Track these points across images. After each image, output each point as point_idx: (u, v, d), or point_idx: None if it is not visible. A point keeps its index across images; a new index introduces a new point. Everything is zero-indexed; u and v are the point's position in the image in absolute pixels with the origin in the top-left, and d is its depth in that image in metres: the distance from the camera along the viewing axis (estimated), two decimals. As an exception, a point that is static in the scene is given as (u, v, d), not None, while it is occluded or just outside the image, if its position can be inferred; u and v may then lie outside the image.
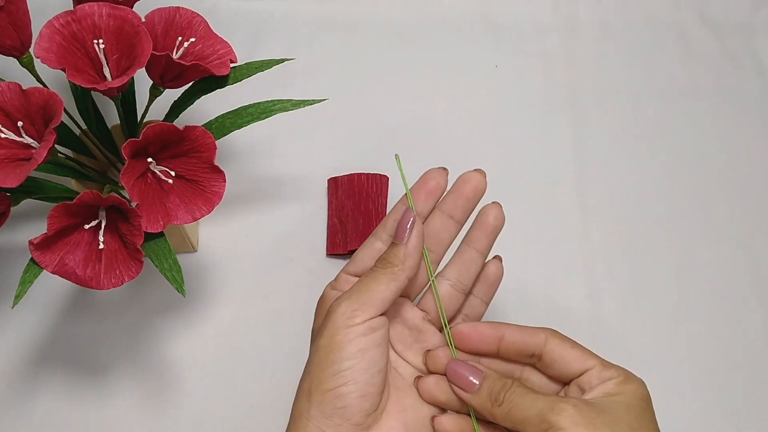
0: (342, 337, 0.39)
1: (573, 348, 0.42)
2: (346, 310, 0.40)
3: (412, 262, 0.41)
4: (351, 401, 0.38)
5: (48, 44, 0.45)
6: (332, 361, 0.39)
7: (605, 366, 0.41)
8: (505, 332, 0.43)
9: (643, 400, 0.40)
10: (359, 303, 0.40)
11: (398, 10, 0.74)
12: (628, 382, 0.40)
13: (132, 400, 0.56)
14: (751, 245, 0.63)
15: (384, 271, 0.41)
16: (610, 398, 0.39)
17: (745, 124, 0.68)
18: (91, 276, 0.45)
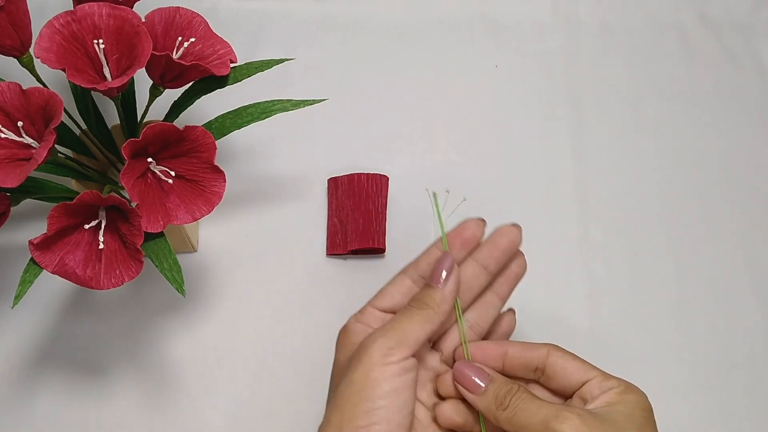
0: (378, 374, 0.38)
1: (574, 360, 0.43)
2: (382, 347, 0.39)
3: (447, 306, 0.42)
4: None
5: (48, 44, 0.45)
6: (366, 397, 0.38)
7: (606, 377, 0.42)
8: (508, 348, 0.44)
9: (645, 410, 0.41)
10: (395, 341, 0.39)
11: (398, 10, 0.74)
12: (629, 392, 0.41)
13: (132, 400, 0.56)
14: (751, 245, 0.63)
15: (420, 312, 0.41)
16: (612, 408, 0.40)
17: (745, 124, 0.68)
18: (91, 276, 0.45)
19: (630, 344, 0.59)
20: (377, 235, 0.60)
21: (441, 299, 0.41)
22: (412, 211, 0.63)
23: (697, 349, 0.59)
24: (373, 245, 0.60)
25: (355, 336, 0.42)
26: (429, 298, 0.42)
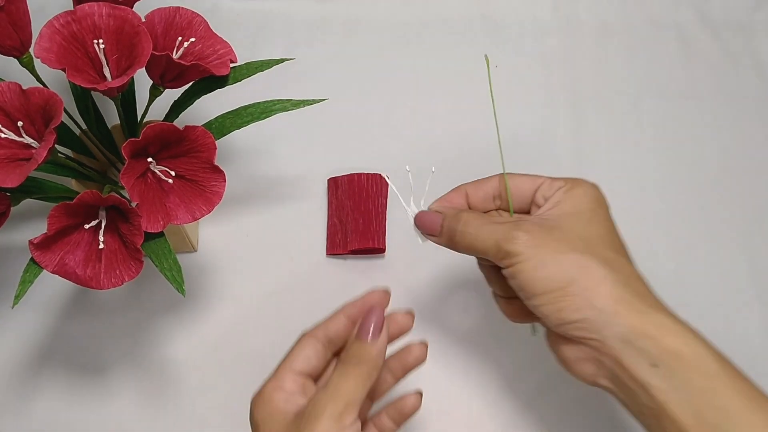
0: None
1: (522, 176, 0.46)
2: (333, 414, 0.38)
3: (382, 360, 0.41)
4: None
5: (48, 44, 0.45)
6: None
7: (553, 180, 0.44)
8: (466, 189, 0.47)
9: (593, 201, 0.43)
10: (343, 405, 0.39)
11: (398, 10, 0.74)
12: (575, 188, 0.43)
13: (132, 400, 0.56)
14: (751, 245, 0.63)
15: (359, 370, 0.40)
16: (559, 209, 0.43)
17: (744, 124, 0.68)
18: (91, 276, 0.45)
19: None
20: (377, 235, 0.60)
21: (376, 354, 0.40)
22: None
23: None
24: (373, 245, 0.60)
25: (278, 403, 0.41)
26: (364, 353, 0.40)
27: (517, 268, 0.41)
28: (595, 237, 0.42)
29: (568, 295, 0.40)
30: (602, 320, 0.39)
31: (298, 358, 0.43)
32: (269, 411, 0.41)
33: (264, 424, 0.41)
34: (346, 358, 0.41)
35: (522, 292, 0.42)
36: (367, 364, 0.40)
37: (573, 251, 0.41)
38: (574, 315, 0.40)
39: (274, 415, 0.41)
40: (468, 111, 0.69)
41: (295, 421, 0.39)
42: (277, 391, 0.41)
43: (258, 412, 0.41)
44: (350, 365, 0.40)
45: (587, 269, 0.40)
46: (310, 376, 0.43)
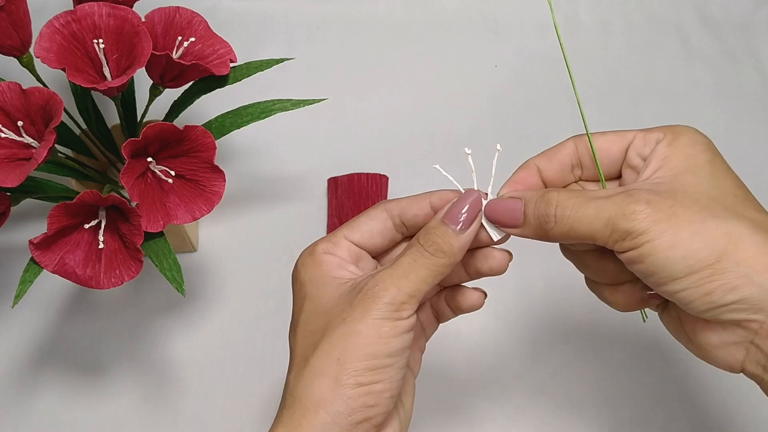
0: (389, 330, 0.34)
1: (604, 135, 0.39)
2: (395, 300, 0.34)
3: (460, 256, 0.36)
4: (382, 400, 0.34)
5: (48, 44, 0.45)
6: (374, 354, 0.34)
7: (646, 132, 0.37)
8: (537, 164, 0.39)
9: (707, 150, 0.36)
10: (408, 294, 0.35)
11: (398, 10, 0.74)
12: (679, 137, 0.36)
13: (132, 400, 0.56)
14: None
15: (434, 260, 0.35)
16: (670, 167, 0.36)
17: (745, 124, 0.68)
18: (91, 276, 0.45)
19: (630, 344, 0.58)
20: (377, 235, 0.60)
21: (459, 248, 0.35)
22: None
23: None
24: (373, 245, 0.60)
25: (329, 267, 0.37)
26: (446, 242, 0.35)
27: (646, 249, 0.33)
28: (729, 195, 0.35)
29: (718, 273, 0.33)
30: (766, 297, 0.33)
31: (361, 228, 0.38)
32: (319, 273, 0.37)
33: (312, 285, 0.37)
34: (425, 242, 0.35)
35: (654, 277, 0.34)
36: (445, 256, 0.35)
37: (713, 217, 0.34)
38: (730, 296, 0.33)
39: (324, 278, 0.37)
40: (468, 111, 0.69)
41: (350, 294, 0.35)
42: (329, 254, 0.38)
43: (306, 270, 0.37)
44: (426, 252, 0.35)
45: (737, 237, 0.33)
46: (369, 252, 0.39)
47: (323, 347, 0.34)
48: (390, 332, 0.34)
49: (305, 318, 0.37)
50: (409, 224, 0.38)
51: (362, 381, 0.34)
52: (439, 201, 0.38)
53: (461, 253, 0.36)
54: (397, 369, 0.35)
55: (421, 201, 0.38)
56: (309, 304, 0.37)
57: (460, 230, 0.36)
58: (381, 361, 0.34)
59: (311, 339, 0.35)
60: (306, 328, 0.36)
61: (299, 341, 0.36)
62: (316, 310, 0.36)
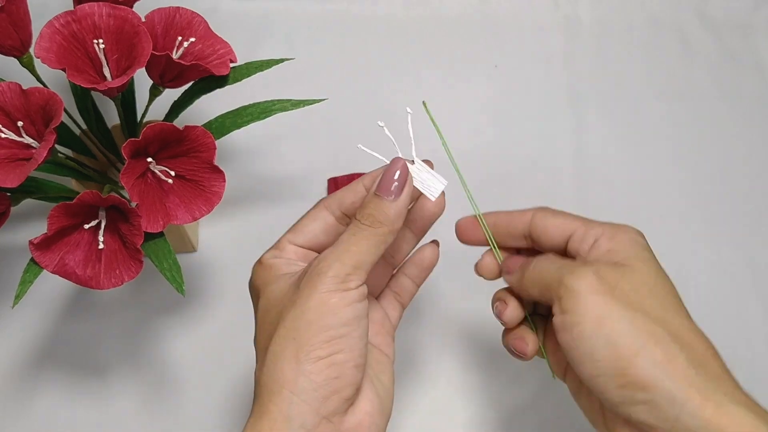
0: (337, 301, 0.35)
1: (555, 216, 0.41)
2: (339, 273, 0.35)
3: (401, 222, 0.37)
4: (345, 371, 0.35)
5: (48, 44, 0.45)
6: (326, 326, 0.34)
7: (588, 224, 0.40)
8: (496, 218, 0.43)
9: (645, 251, 0.38)
10: (352, 266, 0.35)
11: (398, 10, 0.74)
12: (619, 234, 0.39)
13: (132, 400, 0.56)
14: (751, 245, 0.63)
15: (374, 231, 0.36)
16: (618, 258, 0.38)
17: (745, 124, 0.68)
18: (91, 276, 0.45)
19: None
20: (377, 235, 0.60)
21: (395, 214, 0.37)
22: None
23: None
24: (373, 245, 0.60)
25: (278, 269, 0.38)
26: (381, 212, 0.36)
27: (574, 319, 0.36)
28: (667, 296, 0.37)
29: (634, 367, 0.34)
30: (672, 408, 0.33)
31: (304, 230, 0.40)
32: (270, 275, 0.38)
33: (265, 286, 0.38)
34: (361, 216, 0.37)
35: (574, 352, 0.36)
36: (383, 225, 0.36)
37: (645, 313, 0.35)
38: (640, 394, 0.34)
39: (275, 278, 0.38)
40: (468, 111, 0.69)
41: (297, 281, 0.36)
42: (277, 257, 0.39)
43: (258, 277, 0.39)
44: (364, 225, 0.36)
45: (660, 339, 0.35)
46: (316, 251, 0.40)
47: (279, 332, 0.35)
48: (339, 303, 0.35)
49: (261, 315, 0.38)
50: (350, 214, 0.39)
51: (320, 354, 0.34)
52: (371, 180, 0.39)
53: (399, 220, 0.37)
54: (355, 338, 0.35)
55: (355, 187, 0.40)
56: (263, 302, 0.38)
57: (393, 197, 0.37)
58: (336, 331, 0.35)
59: (269, 330, 0.36)
60: (263, 324, 0.37)
61: (259, 337, 0.37)
62: (270, 304, 0.37)
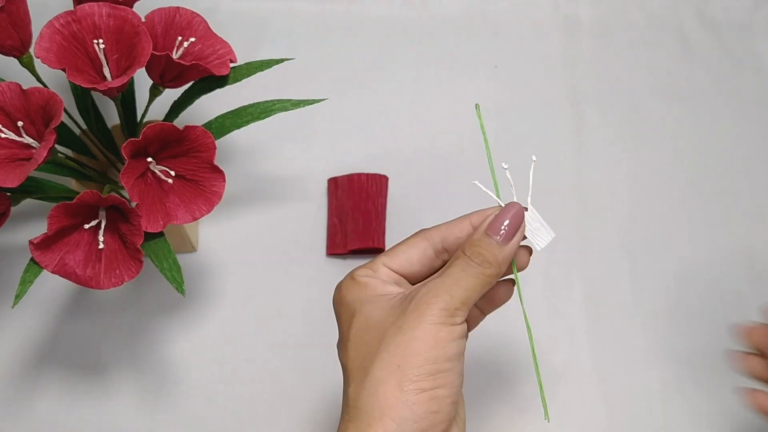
0: (445, 335, 0.35)
1: None
2: (449, 307, 0.35)
3: (506, 266, 0.37)
4: (444, 406, 0.35)
5: (48, 44, 0.45)
6: (433, 359, 0.35)
7: None
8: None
9: None
10: (460, 301, 0.36)
11: (398, 10, 0.74)
12: None
13: (132, 400, 0.56)
14: (751, 244, 0.63)
15: (481, 270, 0.36)
16: None
17: (745, 124, 0.68)
18: (91, 276, 0.45)
19: (629, 342, 0.58)
20: (377, 235, 0.60)
21: (503, 258, 0.37)
22: (412, 210, 0.63)
23: (696, 347, 0.59)
24: (373, 245, 0.60)
25: (375, 287, 0.38)
26: (490, 253, 0.37)
27: None
28: None
29: None
30: None
31: (400, 256, 0.39)
32: (367, 294, 0.38)
33: (360, 303, 0.38)
34: (471, 254, 0.37)
35: None
36: (491, 267, 0.36)
37: None
38: None
39: (372, 296, 0.38)
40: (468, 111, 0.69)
41: (401, 304, 0.36)
42: (371, 277, 0.39)
43: (350, 292, 0.38)
44: (474, 262, 0.36)
45: None
46: (407, 279, 0.40)
47: (382, 356, 0.35)
48: (447, 337, 0.35)
49: (356, 333, 0.37)
50: (451, 248, 0.39)
51: (424, 386, 0.34)
52: (479, 219, 0.39)
53: (506, 264, 0.37)
54: (456, 374, 0.36)
55: (461, 223, 0.39)
56: (359, 320, 0.37)
57: (503, 241, 0.37)
58: (441, 365, 0.35)
59: (367, 350, 0.36)
60: (360, 342, 0.37)
61: (352, 355, 0.37)
62: (368, 323, 0.37)
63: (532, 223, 0.39)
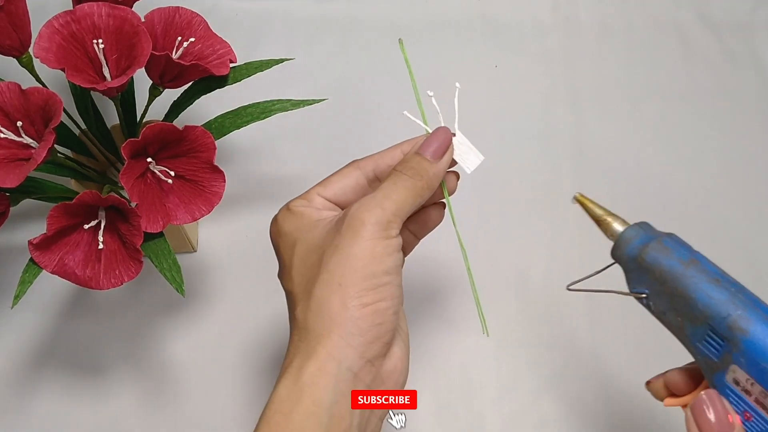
0: (381, 249, 0.36)
1: None
2: (381, 220, 0.36)
3: (437, 183, 0.39)
4: (387, 317, 0.36)
5: (47, 44, 0.45)
6: (372, 273, 0.35)
7: None
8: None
9: None
10: (392, 213, 0.37)
11: (398, 11, 0.74)
12: None
13: (131, 400, 0.56)
14: (751, 245, 0.63)
15: (414, 183, 0.38)
16: None
17: (744, 124, 0.68)
18: (91, 276, 0.45)
19: (629, 343, 0.58)
20: (377, 235, 0.60)
21: (435, 173, 0.39)
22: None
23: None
24: (373, 245, 0.60)
25: (310, 214, 0.39)
26: (422, 168, 0.38)
27: None
28: None
29: None
30: None
31: (334, 185, 0.41)
32: (304, 222, 0.39)
33: (299, 231, 0.39)
34: (402, 169, 0.38)
35: None
36: (423, 180, 0.38)
37: None
38: None
39: (309, 223, 0.39)
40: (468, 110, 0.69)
41: (336, 225, 0.37)
42: (307, 207, 0.40)
43: (287, 222, 0.40)
44: (406, 176, 0.38)
45: None
46: (337, 203, 0.41)
47: (323, 277, 0.36)
48: (383, 251, 0.36)
49: (299, 259, 0.38)
50: (383, 176, 0.40)
51: (366, 301, 0.35)
52: (409, 146, 0.41)
53: (437, 180, 0.39)
54: (396, 286, 0.36)
55: (392, 151, 0.41)
56: (300, 247, 0.38)
57: (433, 158, 0.39)
58: (379, 279, 0.36)
59: (309, 274, 0.37)
60: (302, 267, 0.38)
61: (296, 280, 0.38)
62: (309, 248, 0.38)
63: (460, 147, 0.41)
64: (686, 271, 0.36)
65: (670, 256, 0.36)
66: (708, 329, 0.34)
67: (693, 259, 0.36)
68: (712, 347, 0.35)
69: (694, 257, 0.36)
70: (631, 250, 0.38)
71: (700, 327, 0.35)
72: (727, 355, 0.34)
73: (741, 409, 0.34)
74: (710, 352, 0.35)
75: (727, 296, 0.34)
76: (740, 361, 0.33)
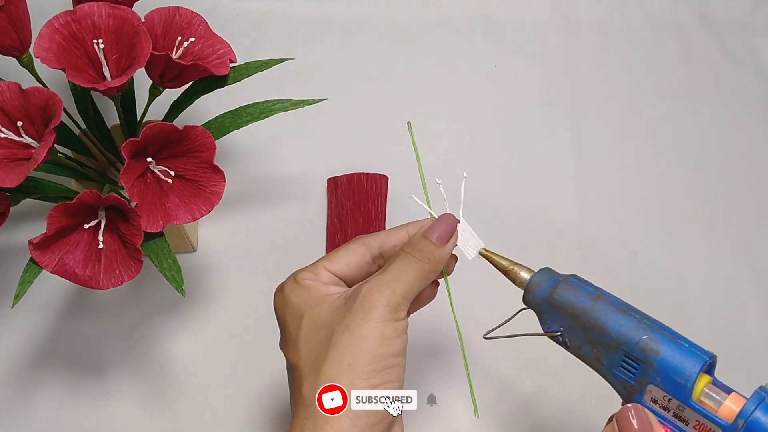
0: (390, 332, 0.37)
1: None
2: (391, 302, 0.37)
3: (442, 266, 0.40)
4: None
5: (48, 44, 0.45)
6: (381, 355, 0.36)
7: None
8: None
9: None
10: (402, 296, 0.38)
11: (398, 11, 0.74)
12: None
13: (131, 400, 0.56)
14: (751, 245, 0.63)
15: (422, 266, 0.39)
16: None
17: (745, 124, 0.68)
18: (91, 276, 0.45)
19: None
20: (377, 235, 0.61)
21: (440, 257, 0.39)
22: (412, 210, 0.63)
23: (697, 349, 0.59)
24: (373, 245, 0.60)
25: (318, 289, 0.40)
26: (429, 252, 0.39)
27: None
28: None
29: None
30: None
31: (340, 260, 0.41)
32: (312, 296, 0.39)
33: (306, 305, 0.39)
34: (411, 251, 0.39)
35: None
36: (430, 263, 0.39)
37: None
38: None
39: (316, 298, 0.39)
40: (467, 110, 0.69)
41: (346, 303, 0.38)
42: (314, 280, 0.40)
43: (295, 294, 0.40)
44: (414, 257, 0.39)
45: None
46: (346, 282, 0.41)
47: (333, 355, 0.37)
48: (392, 334, 0.37)
49: (306, 333, 0.39)
50: (387, 254, 0.41)
51: (374, 383, 0.36)
52: (415, 229, 0.41)
53: (442, 263, 0.40)
54: (402, 368, 0.37)
55: (398, 231, 0.42)
56: (307, 321, 0.39)
57: (439, 243, 0.40)
58: (388, 361, 0.37)
59: (317, 350, 0.38)
60: (310, 342, 0.38)
61: (304, 355, 0.38)
62: (317, 323, 0.38)
63: (463, 234, 0.42)
64: (595, 305, 0.39)
65: (578, 293, 0.39)
66: (623, 355, 0.37)
67: (599, 293, 0.39)
68: (629, 371, 0.37)
69: (599, 292, 0.40)
70: (542, 293, 0.40)
71: (615, 354, 0.37)
72: (644, 376, 0.37)
73: None
74: (627, 377, 0.37)
75: (635, 323, 0.38)
76: (656, 379, 0.36)
